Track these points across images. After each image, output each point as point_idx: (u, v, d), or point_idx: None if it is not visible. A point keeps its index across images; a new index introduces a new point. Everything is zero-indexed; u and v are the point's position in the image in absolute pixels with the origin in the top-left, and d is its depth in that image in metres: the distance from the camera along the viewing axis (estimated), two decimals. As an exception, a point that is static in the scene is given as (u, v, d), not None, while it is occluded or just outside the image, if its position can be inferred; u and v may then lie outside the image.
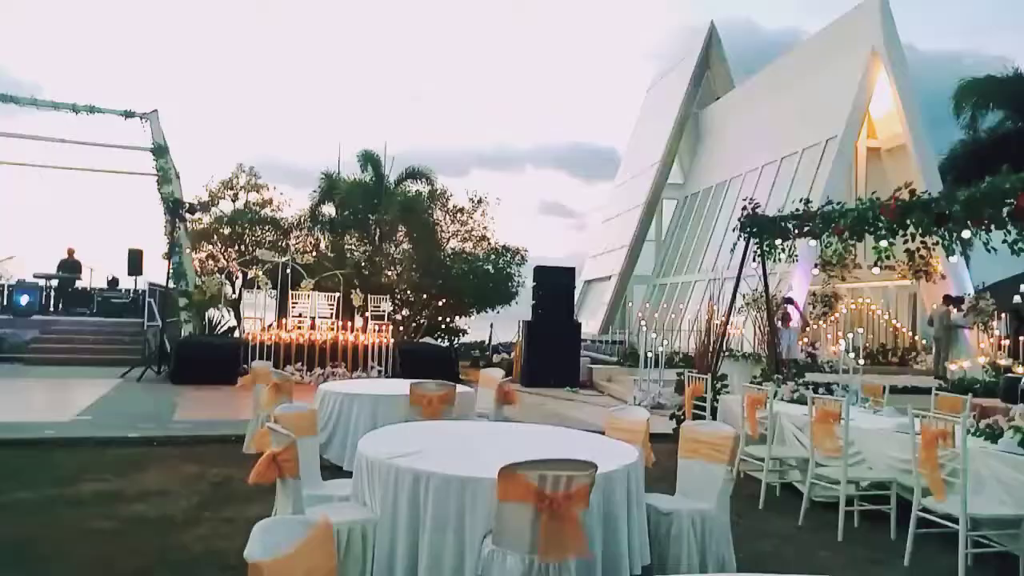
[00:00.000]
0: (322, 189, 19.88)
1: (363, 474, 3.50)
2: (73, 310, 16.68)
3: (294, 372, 11.96)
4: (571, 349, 14.31)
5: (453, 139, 76.98)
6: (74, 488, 5.45)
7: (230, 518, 4.89)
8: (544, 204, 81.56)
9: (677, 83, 24.30)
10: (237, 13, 72.49)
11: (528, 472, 2.91)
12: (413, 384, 5.81)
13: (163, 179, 15.73)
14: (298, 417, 3.96)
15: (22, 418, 8.00)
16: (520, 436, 4.51)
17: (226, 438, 7.24)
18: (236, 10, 74.27)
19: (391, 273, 18.61)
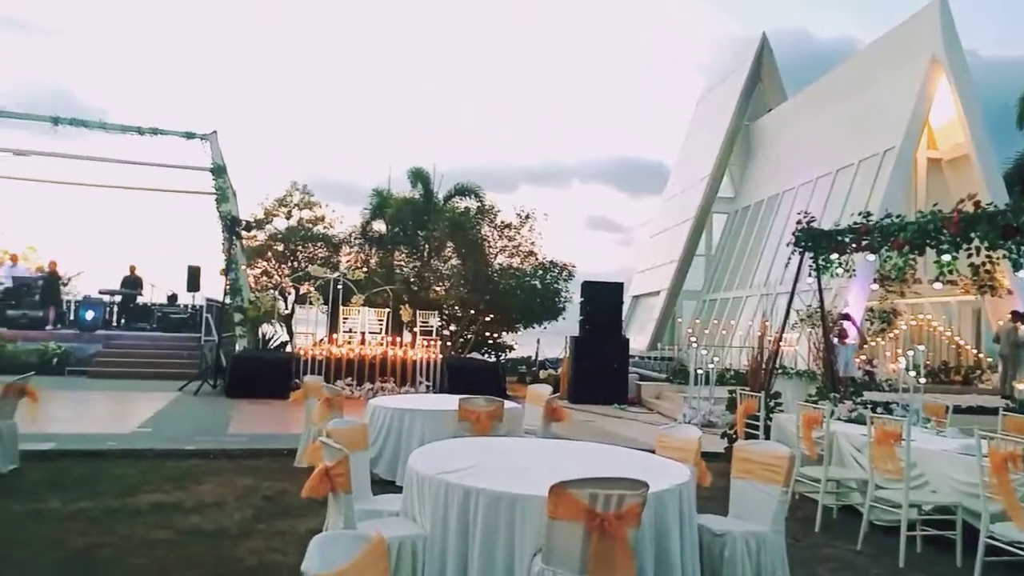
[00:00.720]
0: (373, 206, 20.24)
1: (413, 489, 3.52)
2: (134, 325, 17.28)
3: (344, 387, 12.12)
4: (619, 365, 14.17)
5: (501, 155, 77.55)
6: (134, 499, 5.61)
7: (283, 531, 4.96)
8: (591, 219, 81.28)
9: (728, 95, 24.02)
10: (290, 35, 74.72)
11: (579, 490, 2.88)
12: (462, 400, 5.82)
13: (221, 198, 16.22)
14: (350, 432, 4.00)
15: (87, 429, 8.28)
16: (569, 453, 4.47)
17: (279, 451, 7.37)
18: (289, 32, 76.53)
19: (439, 289, 18.77)
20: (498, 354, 19.01)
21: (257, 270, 19.23)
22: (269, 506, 5.60)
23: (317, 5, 74.29)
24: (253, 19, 73.32)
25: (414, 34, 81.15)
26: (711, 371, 11.27)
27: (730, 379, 12.51)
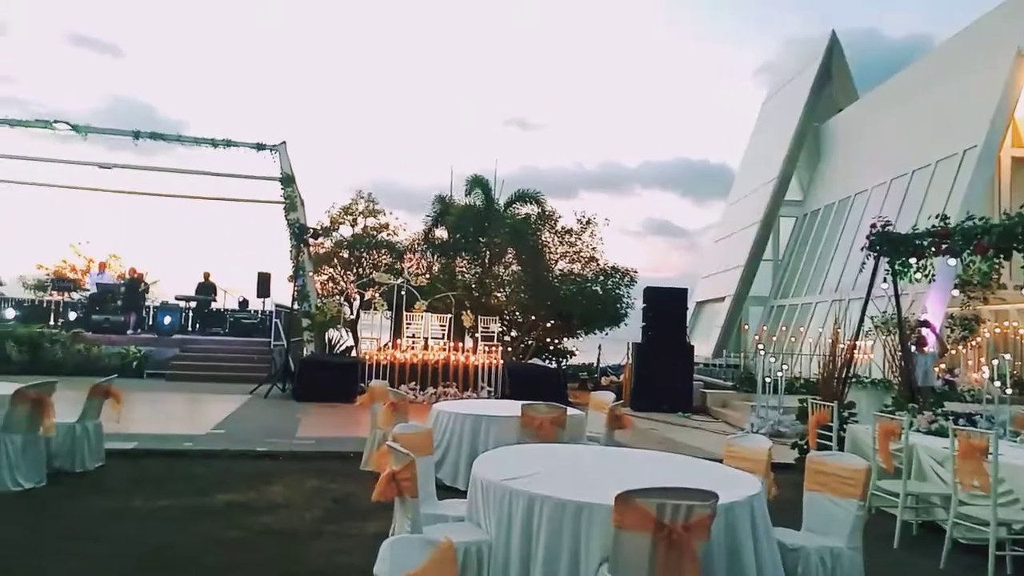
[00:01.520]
0: (435, 213, 20.47)
1: (478, 495, 3.52)
2: (209, 330, 17.95)
3: (408, 391, 12.28)
4: (683, 373, 13.92)
5: (562, 161, 77.43)
6: (209, 498, 5.80)
7: (350, 533, 5.04)
8: (653, 224, 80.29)
9: (795, 96, 23.38)
10: (353, 47, 76.50)
11: (646, 500, 2.83)
12: (524, 406, 5.82)
13: (290, 206, 16.69)
14: (415, 436, 4.04)
15: (165, 430, 8.63)
16: (634, 462, 4.40)
17: (345, 455, 7.50)
18: (352, 44, 78.39)
19: (500, 295, 18.82)
20: (559, 360, 18.93)
21: (324, 276, 19.67)
22: (337, 508, 5.70)
23: (378, 15, 75.90)
24: (318, 32, 75.43)
25: (474, 43, 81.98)
26: (780, 379, 10.94)
27: (800, 388, 12.13)
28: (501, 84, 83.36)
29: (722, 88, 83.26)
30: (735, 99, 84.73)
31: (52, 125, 16.34)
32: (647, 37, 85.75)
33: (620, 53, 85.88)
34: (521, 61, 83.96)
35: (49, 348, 14.31)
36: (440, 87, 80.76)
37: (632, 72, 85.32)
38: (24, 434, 5.70)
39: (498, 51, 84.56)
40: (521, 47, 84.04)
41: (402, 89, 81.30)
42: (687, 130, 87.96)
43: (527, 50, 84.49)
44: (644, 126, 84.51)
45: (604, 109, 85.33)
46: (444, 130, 77.54)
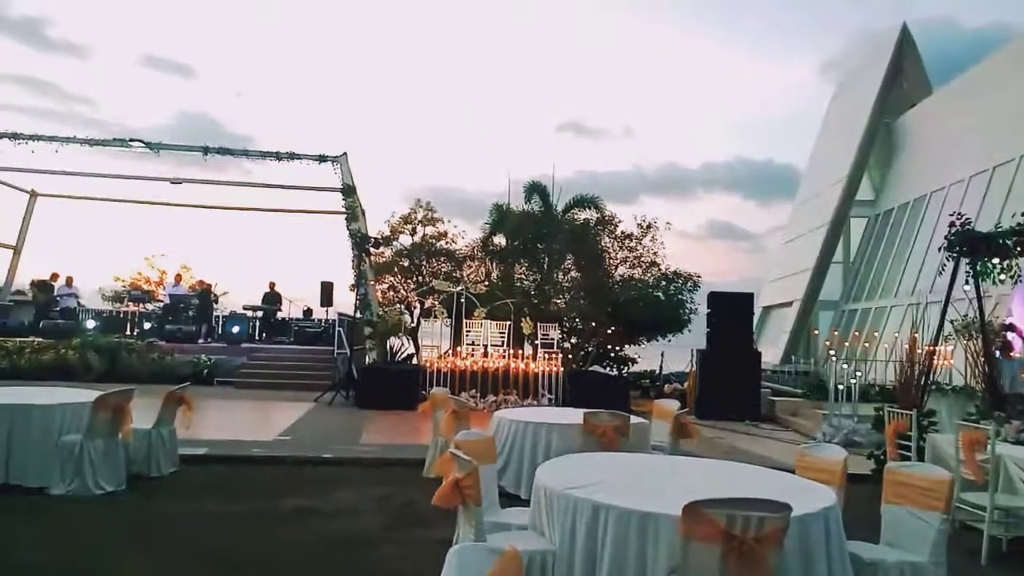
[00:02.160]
0: (493, 220, 20.54)
1: (541, 504, 3.48)
2: (274, 339, 18.46)
3: (469, 399, 12.32)
4: (750, 380, 13.54)
5: (620, 165, 76.91)
6: (276, 503, 5.92)
7: (414, 540, 5.06)
8: (716, 227, 78.96)
9: (865, 92, 22.57)
10: (410, 58, 77.79)
11: (715, 510, 2.74)
12: (587, 414, 5.74)
13: (351, 217, 17.01)
14: (478, 444, 4.02)
15: (235, 436, 8.88)
16: (701, 471, 4.28)
17: (408, 461, 7.56)
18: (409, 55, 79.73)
19: (560, 301, 18.73)
20: (620, 367, 18.70)
21: (384, 285, 19.98)
22: (401, 515, 5.74)
23: (433, 27, 77.03)
24: (375, 45, 77.09)
25: (529, 51, 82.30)
26: (853, 386, 10.52)
27: (875, 395, 11.63)
28: (556, 90, 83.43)
29: (785, 86, 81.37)
30: (799, 97, 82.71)
31: (128, 143, 17.10)
32: (706, 37, 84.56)
33: (678, 54, 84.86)
34: (576, 66, 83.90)
35: (126, 357, 14.94)
36: (495, 95, 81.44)
37: (691, 73, 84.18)
38: (105, 439, 5.94)
39: (553, 57, 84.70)
40: (576, 53, 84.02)
41: (458, 98, 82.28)
42: (750, 130, 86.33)
43: (582, 55, 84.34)
44: (705, 128, 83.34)
45: (663, 112, 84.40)
46: (500, 138, 78.15)
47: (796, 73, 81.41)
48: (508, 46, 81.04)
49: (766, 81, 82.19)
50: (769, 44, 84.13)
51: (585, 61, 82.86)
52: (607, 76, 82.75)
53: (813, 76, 75.30)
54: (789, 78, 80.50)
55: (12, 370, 14.11)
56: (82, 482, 5.79)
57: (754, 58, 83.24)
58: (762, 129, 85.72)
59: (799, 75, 79.59)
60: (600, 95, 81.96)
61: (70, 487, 5.77)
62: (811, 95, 77.61)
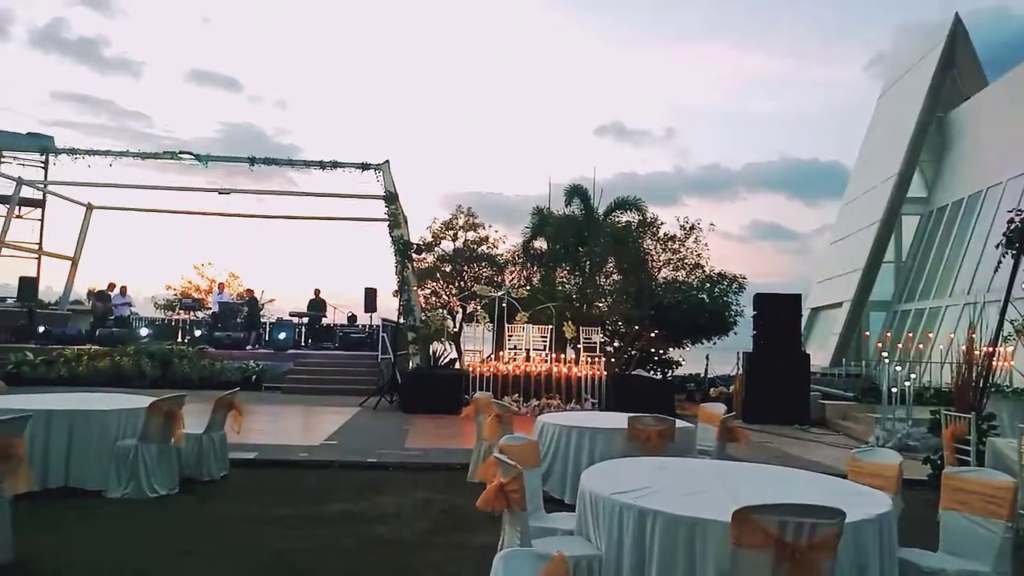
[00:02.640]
0: (534, 224, 20.56)
1: (587, 509, 3.45)
2: (320, 344, 18.76)
3: (511, 403, 12.32)
4: (799, 383, 13.24)
5: (661, 166, 76.20)
6: (323, 507, 5.99)
7: (459, 544, 5.07)
8: (760, 227, 77.62)
9: (915, 86, 21.89)
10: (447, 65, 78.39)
11: (766, 516, 2.68)
12: (631, 418, 5.68)
13: (393, 223, 17.21)
14: (522, 448, 4.01)
15: (282, 441, 9.04)
16: (750, 476, 4.19)
17: (452, 466, 7.59)
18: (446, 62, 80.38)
19: (602, 304, 18.62)
20: (664, 371, 18.49)
21: (427, 291, 20.15)
22: (445, 519, 5.75)
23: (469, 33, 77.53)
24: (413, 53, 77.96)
25: (568, 55, 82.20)
26: (908, 389, 10.20)
27: (930, 398, 11.28)
28: (596, 93, 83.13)
29: (831, 83, 79.60)
30: (845, 94, 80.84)
31: (179, 156, 17.60)
32: (748, 36, 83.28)
33: (720, 54, 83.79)
34: (615, 68, 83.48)
35: (178, 363, 15.34)
36: (535, 100, 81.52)
37: (733, 72, 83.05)
38: (158, 444, 6.10)
39: (592, 61, 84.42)
40: (615, 55, 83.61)
41: (497, 104, 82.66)
42: (794, 129, 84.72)
43: (621, 58, 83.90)
44: (747, 127, 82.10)
45: (704, 112, 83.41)
46: (540, 142, 78.26)
47: (842, 69, 79.74)
48: (547, 51, 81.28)
49: (811, 79, 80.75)
50: (813, 41, 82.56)
51: (625, 63, 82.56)
52: (647, 78, 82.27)
53: (860, 72, 73.67)
54: (835, 75, 78.95)
55: (71, 377, 14.62)
56: (137, 485, 5.95)
57: (798, 56, 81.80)
58: (807, 127, 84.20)
59: (845, 71, 77.92)
60: (640, 97, 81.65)
61: (126, 490, 5.93)
62: (858, 91, 76.01)
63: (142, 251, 34.42)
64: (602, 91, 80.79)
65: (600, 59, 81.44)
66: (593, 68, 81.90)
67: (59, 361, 15.10)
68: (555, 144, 74.93)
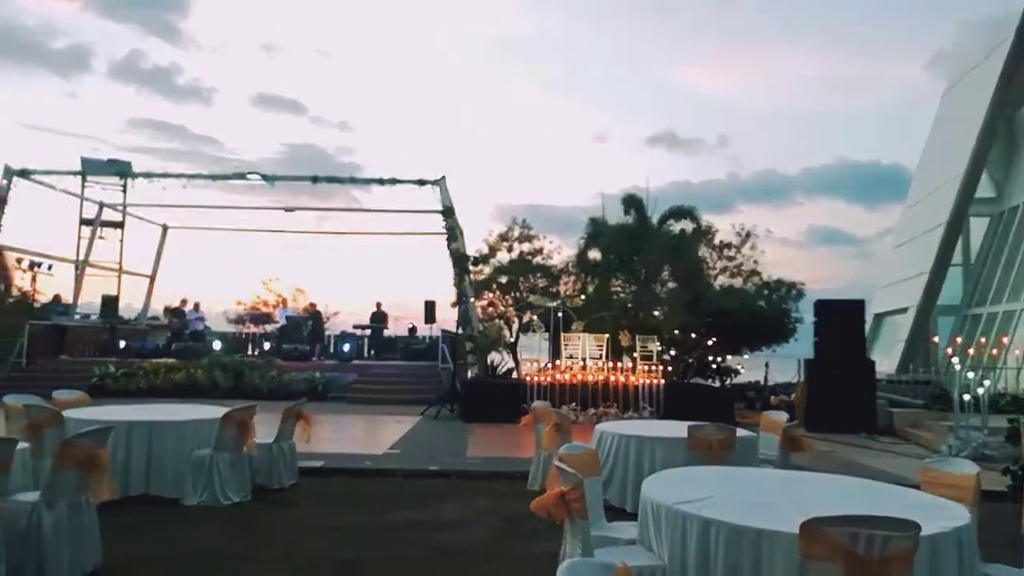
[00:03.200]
0: (588, 234, 20.51)
1: (648, 518, 3.46)
2: (382, 355, 19.16)
3: (569, 411, 12.31)
4: (864, 390, 12.85)
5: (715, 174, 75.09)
6: (388, 515, 6.13)
7: (521, 554, 5.13)
8: (819, 233, 75.57)
9: (981, 83, 21.07)
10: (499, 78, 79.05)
11: (836, 529, 2.64)
12: (691, 427, 5.65)
13: (451, 237, 17.46)
14: (582, 457, 4.05)
15: (348, 450, 9.27)
16: (817, 486, 4.13)
17: (512, 474, 7.65)
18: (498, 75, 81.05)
19: (658, 313, 18.43)
20: (723, 379, 18.16)
21: (484, 301, 20.30)
22: (507, 528, 5.82)
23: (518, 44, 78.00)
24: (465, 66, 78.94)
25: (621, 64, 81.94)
26: (982, 396, 9.81)
27: (1006, 405, 10.82)
28: (647, 102, 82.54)
29: (891, 83, 77.12)
30: (906, 94, 78.27)
31: (246, 177, 18.25)
32: (799, 35, 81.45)
33: (772, 57, 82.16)
34: (664, 76, 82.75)
35: (248, 375, 15.87)
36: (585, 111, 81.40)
37: (787, 75, 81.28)
38: (231, 453, 6.35)
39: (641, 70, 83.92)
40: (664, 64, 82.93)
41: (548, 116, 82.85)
42: (852, 132, 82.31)
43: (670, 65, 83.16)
44: (803, 131, 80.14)
45: (758, 118, 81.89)
46: (591, 153, 78.04)
47: (901, 68, 77.01)
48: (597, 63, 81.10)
49: (869, 79, 78.15)
50: (871, 40, 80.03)
51: (675, 72, 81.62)
52: (698, 85, 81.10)
53: (921, 70, 71.00)
54: (894, 74, 76.25)
55: (150, 389, 15.30)
56: (212, 493, 6.20)
57: (854, 56, 79.32)
58: (866, 129, 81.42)
59: (905, 70, 75.25)
60: (692, 105, 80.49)
61: (201, 498, 6.19)
62: (919, 91, 73.12)
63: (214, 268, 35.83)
64: (653, 101, 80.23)
65: (650, 68, 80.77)
66: (643, 78, 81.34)
67: (139, 374, 15.81)
68: (607, 155, 74.73)
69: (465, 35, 77.86)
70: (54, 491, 4.29)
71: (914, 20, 77.48)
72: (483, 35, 77.04)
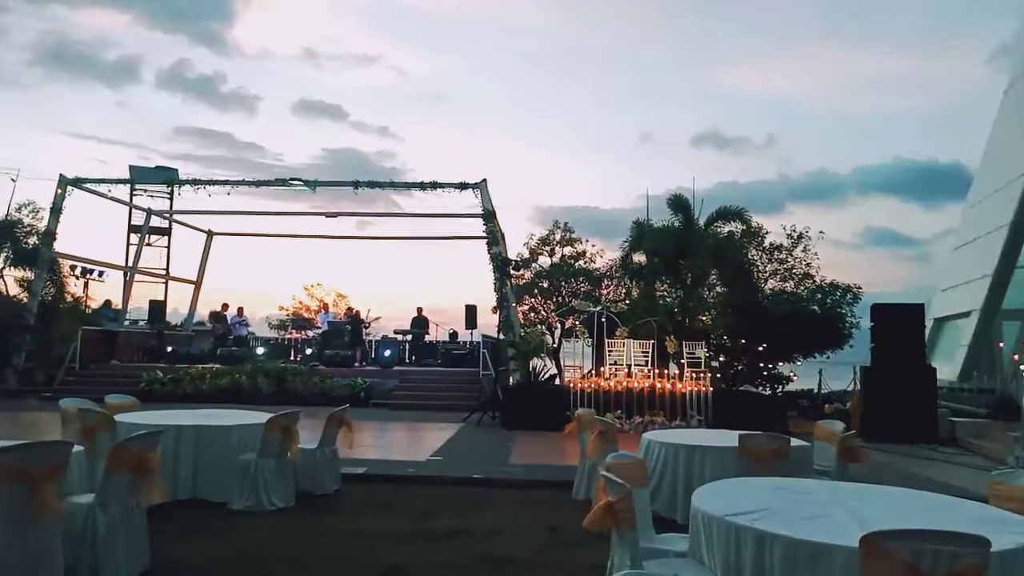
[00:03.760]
0: (632, 238, 20.30)
1: (700, 531, 3.32)
2: (423, 361, 19.20)
3: (614, 419, 12.13)
4: (924, 399, 12.34)
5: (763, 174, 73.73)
6: (431, 523, 6.08)
7: (566, 563, 5.01)
8: (873, 234, 73.52)
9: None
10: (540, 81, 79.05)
11: (899, 544, 2.49)
12: (742, 436, 5.46)
13: (492, 241, 17.44)
14: (630, 467, 3.93)
15: (390, 456, 9.28)
16: (876, 499, 3.92)
17: (557, 483, 7.52)
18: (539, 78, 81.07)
19: (705, 318, 18.09)
20: (774, 386, 17.71)
21: (525, 306, 20.25)
22: (551, 537, 5.71)
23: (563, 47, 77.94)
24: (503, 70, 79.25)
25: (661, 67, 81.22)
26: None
27: (1078, 415, 10.22)
28: (690, 101, 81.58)
29: (948, 78, 74.67)
30: (965, 89, 75.70)
31: (289, 183, 18.56)
32: (851, 30, 79.55)
33: (822, 52, 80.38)
34: (707, 74, 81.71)
35: (291, 381, 16.08)
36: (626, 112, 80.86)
37: (838, 71, 79.39)
38: (276, 458, 6.38)
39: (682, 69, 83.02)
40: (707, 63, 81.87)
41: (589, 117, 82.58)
42: (909, 129, 79.95)
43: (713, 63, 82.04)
44: (856, 129, 78.14)
45: (808, 115, 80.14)
46: (634, 155, 77.47)
47: (960, 64, 74.56)
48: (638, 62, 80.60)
49: (926, 75, 75.85)
50: (927, 35, 77.68)
51: (719, 69, 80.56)
52: (744, 83, 79.88)
53: (981, 65, 68.65)
54: (952, 70, 73.87)
55: (196, 393, 15.61)
56: (257, 498, 6.24)
57: (910, 51, 77.08)
58: (923, 127, 78.99)
59: (964, 66, 72.82)
60: (738, 103, 79.31)
61: (247, 502, 6.23)
62: (979, 86, 70.89)
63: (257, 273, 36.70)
64: (697, 99, 79.27)
65: (696, 68, 79.87)
66: (688, 77, 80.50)
67: (185, 379, 16.16)
68: (651, 156, 74.13)
69: (506, 37, 78.38)
70: (108, 493, 4.37)
71: (974, 13, 74.99)
72: (524, 37, 77.42)
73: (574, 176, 79.02)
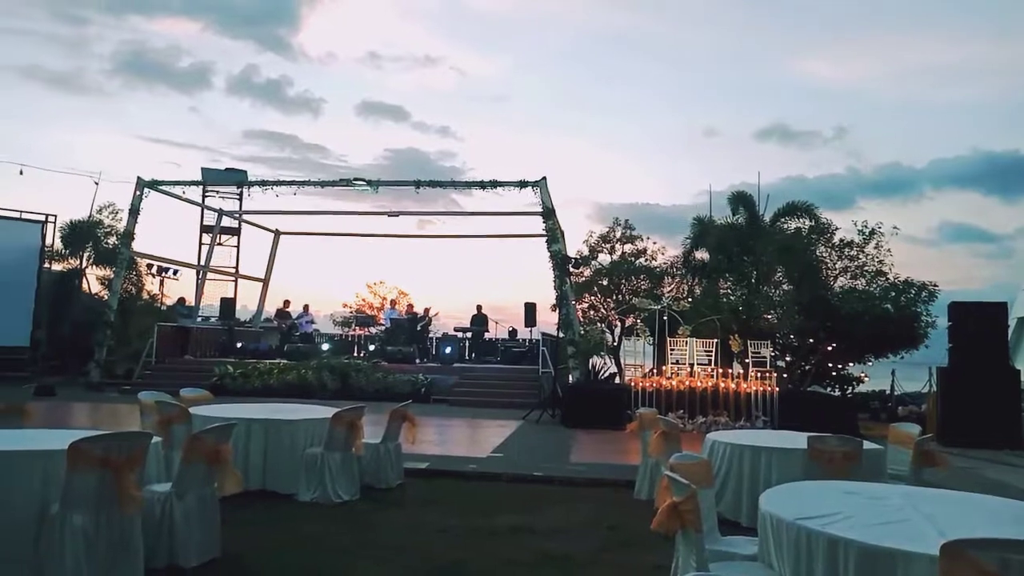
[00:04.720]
0: (694, 235, 19.94)
1: (768, 534, 3.24)
2: (483, 358, 19.34)
3: (676, 419, 11.95)
4: (1007, 402, 11.73)
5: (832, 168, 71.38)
6: (492, 519, 6.10)
7: (627, 563, 4.96)
8: (950, 229, 70.30)
9: None
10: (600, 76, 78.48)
11: (984, 553, 2.37)
12: (812, 438, 5.29)
13: (552, 239, 17.39)
14: (694, 467, 3.85)
15: (452, 452, 9.37)
16: (956, 506, 3.74)
17: (618, 482, 7.47)
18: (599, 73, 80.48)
19: (771, 317, 17.62)
20: (843, 387, 17.11)
21: (585, 304, 20.11)
22: (612, 536, 5.66)
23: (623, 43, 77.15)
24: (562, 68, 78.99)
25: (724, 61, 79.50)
26: None
27: None
28: (754, 94, 79.64)
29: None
30: (1051, 75, 71.50)
31: (353, 183, 18.92)
32: (924, 20, 76.19)
33: (896, 43, 77.24)
34: (772, 66, 79.51)
35: (355, 376, 16.42)
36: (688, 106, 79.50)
37: (913, 61, 76.18)
38: (341, 452, 6.53)
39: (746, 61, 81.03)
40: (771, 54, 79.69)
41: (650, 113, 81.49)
42: (989, 119, 76.08)
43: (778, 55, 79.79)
44: (930, 120, 74.86)
45: (880, 107, 77.16)
46: (696, 150, 76.15)
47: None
48: (701, 55, 79.14)
49: (1004, 62, 71.87)
50: (1006, 19, 73.66)
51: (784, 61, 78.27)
52: (811, 75, 77.39)
53: (1068, 48, 64.85)
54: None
55: (264, 388, 16.12)
56: (323, 491, 6.39)
57: (988, 37, 73.21)
58: (1003, 116, 74.85)
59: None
60: (805, 96, 76.91)
61: (314, 495, 6.39)
62: (1066, 70, 66.85)
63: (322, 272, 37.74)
64: (762, 93, 77.33)
65: (760, 60, 77.88)
66: (753, 70, 78.57)
67: (254, 374, 16.70)
68: (712, 152, 72.74)
69: (566, 34, 78.06)
70: (184, 483, 4.56)
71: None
72: (584, 32, 76.96)
73: (634, 173, 78.24)
